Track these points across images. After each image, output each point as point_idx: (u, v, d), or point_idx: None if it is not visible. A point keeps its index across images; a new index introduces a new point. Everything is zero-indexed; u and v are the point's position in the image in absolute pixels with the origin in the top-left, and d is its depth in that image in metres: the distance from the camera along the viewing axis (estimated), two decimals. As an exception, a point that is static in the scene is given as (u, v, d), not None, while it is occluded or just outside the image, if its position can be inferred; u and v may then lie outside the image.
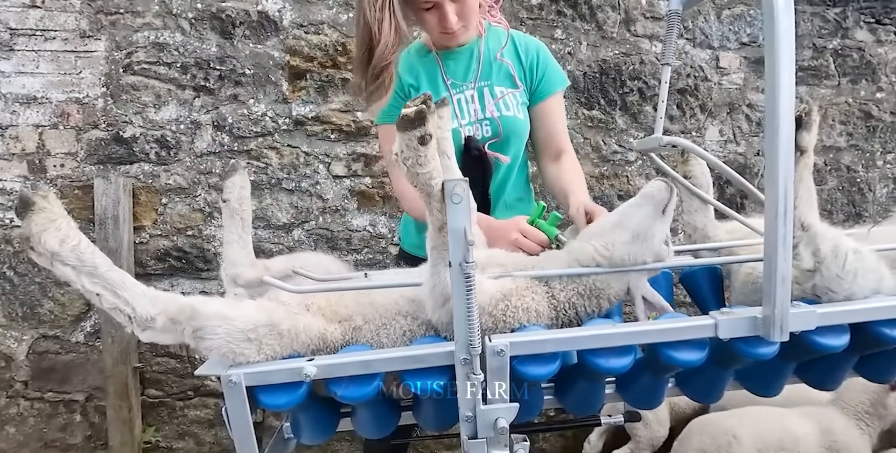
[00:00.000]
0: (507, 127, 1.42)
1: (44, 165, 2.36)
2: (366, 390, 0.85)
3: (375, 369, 0.85)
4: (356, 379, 0.85)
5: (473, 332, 0.79)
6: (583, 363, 0.90)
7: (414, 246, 1.59)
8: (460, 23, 1.30)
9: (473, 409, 0.83)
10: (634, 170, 2.54)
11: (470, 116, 1.42)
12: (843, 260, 0.89)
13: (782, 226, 0.76)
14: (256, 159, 2.41)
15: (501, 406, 0.83)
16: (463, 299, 0.78)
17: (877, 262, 0.93)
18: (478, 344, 0.80)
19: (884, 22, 2.60)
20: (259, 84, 2.38)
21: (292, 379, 0.84)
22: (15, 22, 2.30)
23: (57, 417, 2.46)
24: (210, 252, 2.42)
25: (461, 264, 0.76)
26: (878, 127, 2.64)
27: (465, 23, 1.32)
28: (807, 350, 0.88)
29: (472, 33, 1.39)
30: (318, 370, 0.83)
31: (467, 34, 1.37)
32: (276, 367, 0.85)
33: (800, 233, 0.89)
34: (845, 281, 0.90)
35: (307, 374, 0.83)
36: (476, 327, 0.79)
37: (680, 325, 0.86)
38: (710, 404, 2.06)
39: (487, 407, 0.83)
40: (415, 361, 0.86)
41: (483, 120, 1.42)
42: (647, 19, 2.50)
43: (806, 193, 0.90)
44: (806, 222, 0.89)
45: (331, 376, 0.85)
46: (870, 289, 0.91)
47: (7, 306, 2.40)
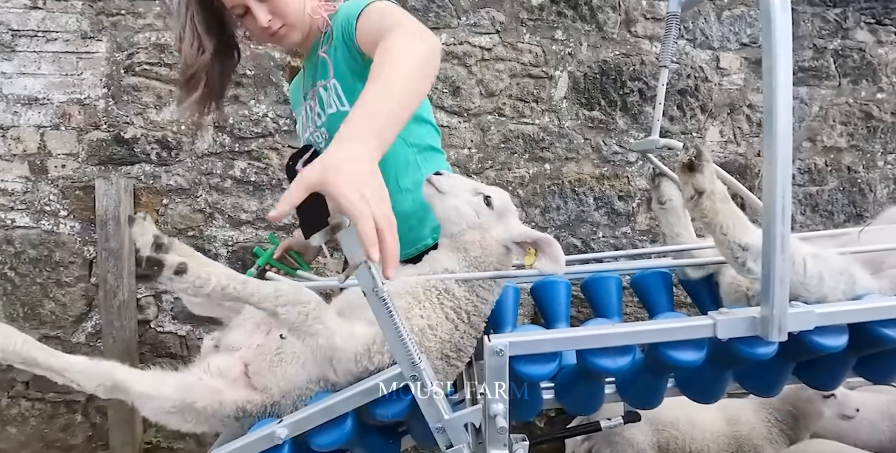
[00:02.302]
0: (331, 123, 1.26)
1: (45, 166, 2.36)
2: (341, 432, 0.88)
3: (341, 410, 0.88)
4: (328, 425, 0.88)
5: (410, 350, 0.81)
6: (582, 363, 0.90)
7: None
8: (278, 21, 1.19)
9: (441, 420, 0.85)
10: (635, 170, 2.55)
11: (314, 123, 1.32)
12: (801, 266, 0.91)
13: (780, 226, 0.76)
14: (257, 160, 2.41)
15: (467, 410, 0.86)
16: (389, 323, 0.79)
17: (843, 263, 0.95)
18: (418, 360, 0.82)
19: (884, 22, 2.60)
20: (260, 85, 2.38)
21: (270, 445, 0.88)
22: (16, 23, 2.31)
23: (58, 418, 2.46)
24: (211, 252, 2.43)
25: (374, 290, 0.76)
26: (879, 127, 2.64)
27: (285, 20, 1.20)
28: (805, 350, 0.88)
29: (301, 30, 1.25)
30: (289, 428, 0.87)
31: (295, 32, 1.24)
32: (251, 438, 0.89)
33: (742, 253, 0.92)
34: (811, 284, 0.92)
35: (279, 437, 0.87)
36: (411, 344, 0.81)
37: (679, 325, 0.86)
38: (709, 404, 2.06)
39: (454, 415, 0.85)
40: (371, 393, 0.88)
41: (322, 125, 1.30)
42: (647, 20, 2.50)
43: (731, 220, 0.93)
44: (743, 242, 0.93)
45: (302, 430, 0.88)
46: (841, 291, 0.93)
47: (8, 306, 2.41)
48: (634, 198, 2.55)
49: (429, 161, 1.33)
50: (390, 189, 1.28)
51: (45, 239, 2.38)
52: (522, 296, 1.35)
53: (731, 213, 0.93)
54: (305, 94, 1.35)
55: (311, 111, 1.33)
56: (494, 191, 1.07)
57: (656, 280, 1.26)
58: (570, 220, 2.54)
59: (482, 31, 2.43)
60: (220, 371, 0.99)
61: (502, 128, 2.47)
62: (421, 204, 1.30)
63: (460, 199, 1.05)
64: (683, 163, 0.93)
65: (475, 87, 2.44)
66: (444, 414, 0.85)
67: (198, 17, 1.19)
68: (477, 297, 1.02)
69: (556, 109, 2.49)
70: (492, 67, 2.44)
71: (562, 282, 1.21)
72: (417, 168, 1.31)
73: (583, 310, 2.41)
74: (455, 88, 2.43)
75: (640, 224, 2.57)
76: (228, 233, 2.43)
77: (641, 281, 1.25)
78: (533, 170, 2.50)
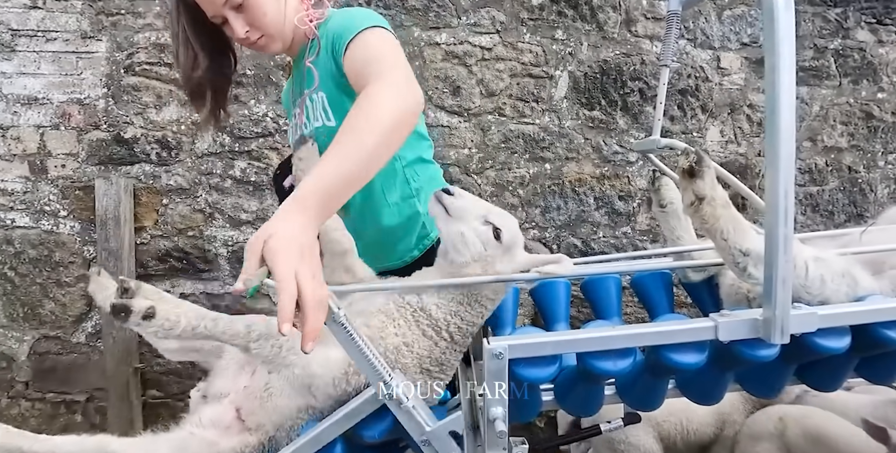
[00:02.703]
0: (317, 137, 1.23)
1: (45, 166, 2.36)
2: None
3: (327, 438, 0.90)
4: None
5: (379, 369, 0.82)
6: (582, 365, 0.90)
7: None
8: (255, 32, 1.17)
9: (424, 433, 0.86)
10: (635, 170, 2.54)
11: (301, 131, 1.30)
12: (803, 269, 0.90)
13: (783, 227, 0.76)
14: (257, 160, 2.41)
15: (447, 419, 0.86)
16: (352, 346, 0.80)
17: (845, 265, 0.94)
18: (389, 379, 0.83)
19: (885, 22, 2.59)
20: (260, 84, 2.38)
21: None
22: (16, 23, 2.30)
23: (58, 418, 2.46)
24: (211, 253, 2.42)
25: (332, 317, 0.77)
26: (880, 127, 2.64)
27: (262, 31, 1.18)
28: (808, 352, 0.88)
29: (283, 40, 1.23)
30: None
31: (275, 43, 1.22)
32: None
33: (743, 258, 0.91)
34: (813, 288, 0.91)
35: None
36: (378, 364, 0.82)
37: (680, 327, 0.86)
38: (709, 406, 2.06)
39: (436, 425, 0.86)
40: (352, 417, 0.90)
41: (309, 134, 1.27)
42: (647, 20, 2.49)
43: (731, 225, 0.92)
44: (743, 248, 0.92)
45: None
46: (843, 293, 0.92)
47: (8, 307, 2.41)
48: (635, 198, 2.55)
49: (418, 173, 1.32)
50: (377, 202, 1.30)
51: (45, 239, 2.37)
52: (522, 296, 1.34)
53: (731, 219, 0.93)
54: (294, 100, 1.34)
55: (297, 119, 1.32)
56: (504, 222, 1.02)
57: (656, 280, 1.26)
58: (571, 220, 2.53)
59: (482, 31, 2.43)
60: (212, 421, 1.00)
61: (502, 127, 2.47)
62: (408, 216, 1.30)
63: (468, 227, 1.00)
64: (684, 168, 0.92)
65: (475, 87, 2.44)
66: (426, 426, 0.85)
67: (190, 30, 1.18)
68: (461, 320, 1.00)
69: (556, 109, 2.48)
70: (492, 67, 2.43)
71: (562, 283, 1.21)
72: (405, 181, 1.29)
73: (583, 311, 2.41)
74: (455, 88, 2.42)
75: (641, 224, 2.57)
76: (228, 233, 2.43)
77: (641, 281, 1.25)
78: (533, 170, 2.50)
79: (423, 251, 1.32)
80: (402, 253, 1.32)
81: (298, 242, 0.75)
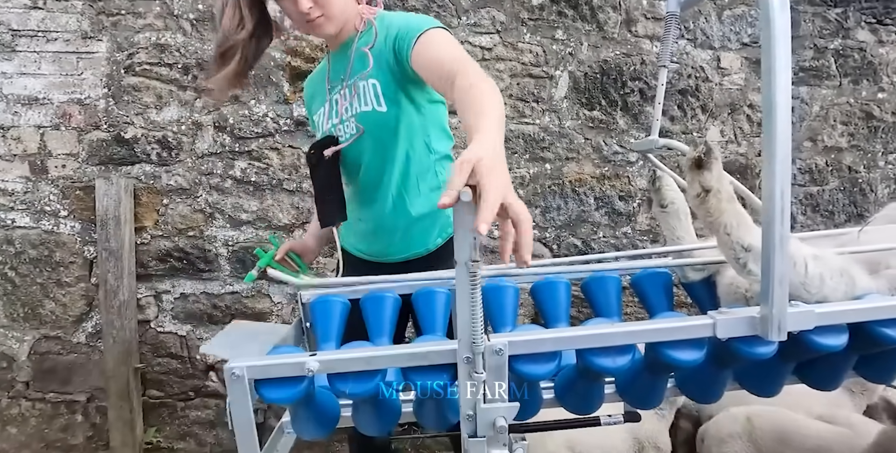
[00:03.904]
0: (363, 121, 1.34)
1: (45, 166, 2.37)
2: (368, 386, 0.86)
3: (377, 365, 0.86)
4: (359, 375, 0.86)
5: (477, 330, 0.79)
6: (582, 362, 0.90)
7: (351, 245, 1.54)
8: (317, 10, 1.25)
9: (474, 408, 0.83)
10: (635, 170, 2.54)
11: (341, 115, 1.38)
12: (802, 267, 0.90)
13: (779, 226, 0.76)
14: (258, 160, 2.41)
15: (502, 405, 0.83)
16: (468, 297, 0.77)
17: (843, 264, 0.95)
18: (481, 343, 0.80)
19: (885, 22, 2.60)
20: (260, 85, 2.39)
21: (295, 373, 0.85)
22: (17, 23, 2.31)
23: (58, 418, 2.46)
24: (211, 253, 2.43)
25: (467, 263, 0.75)
26: (880, 127, 2.64)
27: (325, 11, 1.26)
28: (805, 350, 0.88)
29: (338, 24, 1.31)
30: (321, 365, 0.84)
31: (332, 25, 1.30)
32: (279, 361, 0.86)
33: (745, 254, 0.92)
34: (812, 286, 0.91)
35: (310, 369, 0.83)
36: (480, 325, 0.79)
37: (678, 325, 0.86)
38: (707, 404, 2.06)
39: (488, 406, 0.83)
40: (417, 358, 0.86)
41: (350, 117, 1.37)
42: (647, 20, 2.50)
43: (735, 220, 0.93)
44: (745, 243, 0.92)
45: (333, 371, 0.86)
46: (842, 292, 0.92)
47: (8, 307, 2.41)
48: (635, 198, 2.55)
49: (445, 168, 1.43)
50: (411, 191, 1.39)
51: (45, 239, 2.38)
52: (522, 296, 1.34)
53: (735, 213, 0.93)
54: (332, 86, 1.40)
55: (337, 104, 1.38)
56: None
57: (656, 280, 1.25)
58: (571, 220, 2.53)
59: (482, 31, 2.43)
60: None
61: (502, 128, 2.47)
62: (434, 206, 1.36)
63: None
64: (692, 159, 0.92)
65: (475, 87, 2.44)
66: (480, 403, 0.83)
67: None
68: None
69: (556, 109, 2.49)
70: (492, 67, 2.44)
71: (562, 282, 1.21)
72: (435, 174, 1.41)
73: (583, 310, 2.41)
74: (455, 88, 2.43)
75: (641, 224, 2.57)
76: (229, 233, 2.43)
77: (641, 281, 1.25)
78: (533, 170, 2.50)
79: (444, 240, 1.43)
80: (425, 242, 1.42)
81: (504, 165, 0.79)
